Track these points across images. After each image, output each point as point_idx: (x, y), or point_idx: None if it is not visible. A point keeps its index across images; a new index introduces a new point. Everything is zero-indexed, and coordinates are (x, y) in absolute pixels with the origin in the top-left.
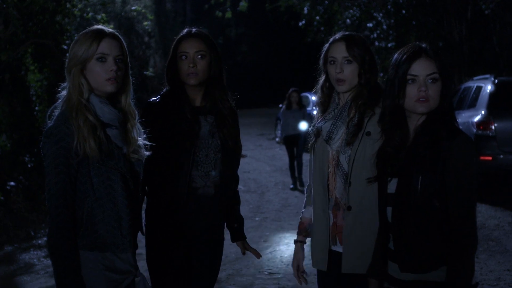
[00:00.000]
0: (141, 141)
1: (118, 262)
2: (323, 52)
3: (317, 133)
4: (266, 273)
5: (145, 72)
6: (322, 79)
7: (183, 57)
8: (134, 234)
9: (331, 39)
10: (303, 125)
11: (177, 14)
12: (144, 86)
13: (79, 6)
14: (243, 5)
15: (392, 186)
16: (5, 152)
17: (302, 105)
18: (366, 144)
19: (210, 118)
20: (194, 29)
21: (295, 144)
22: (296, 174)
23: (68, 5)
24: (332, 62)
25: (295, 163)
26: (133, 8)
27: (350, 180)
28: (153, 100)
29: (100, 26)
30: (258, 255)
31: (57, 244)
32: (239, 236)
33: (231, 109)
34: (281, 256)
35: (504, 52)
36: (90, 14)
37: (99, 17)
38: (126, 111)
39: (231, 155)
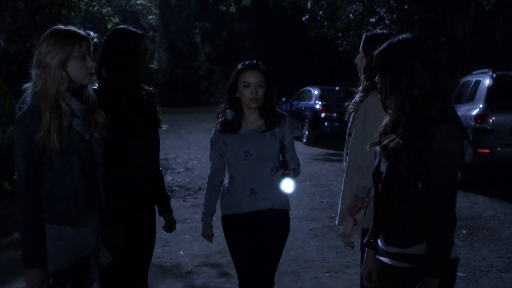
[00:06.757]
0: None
1: (77, 236)
2: None
3: None
4: None
5: (150, 66)
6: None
7: (143, 55)
8: (96, 211)
9: None
10: (288, 186)
11: (181, 8)
12: (148, 79)
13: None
14: None
15: (384, 166)
16: (13, 142)
17: (277, 114)
18: None
19: (144, 102)
20: (130, 27)
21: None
22: None
23: None
24: None
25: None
26: (138, 2)
27: None
28: (98, 88)
29: (73, 29)
30: (168, 231)
31: (23, 217)
32: (166, 209)
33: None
34: None
35: (506, 48)
36: (96, 8)
37: (104, 10)
38: (90, 101)
39: (157, 131)
